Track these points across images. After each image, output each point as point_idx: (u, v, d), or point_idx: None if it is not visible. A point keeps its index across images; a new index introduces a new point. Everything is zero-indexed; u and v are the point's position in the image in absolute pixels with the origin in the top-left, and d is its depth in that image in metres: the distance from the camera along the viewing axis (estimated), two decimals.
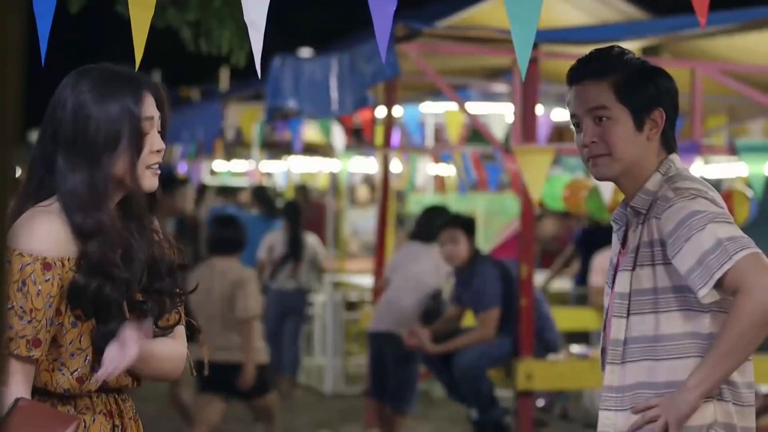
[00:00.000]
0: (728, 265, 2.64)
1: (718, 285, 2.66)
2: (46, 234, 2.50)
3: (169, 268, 2.67)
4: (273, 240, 10.13)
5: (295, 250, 10.05)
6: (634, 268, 2.82)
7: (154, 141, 2.60)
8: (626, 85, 2.84)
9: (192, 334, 2.79)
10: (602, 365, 2.94)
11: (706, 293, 2.67)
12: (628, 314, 2.83)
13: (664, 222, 2.74)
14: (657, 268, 2.79)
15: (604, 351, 2.92)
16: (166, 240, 2.71)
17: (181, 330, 2.73)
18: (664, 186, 2.80)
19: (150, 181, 2.61)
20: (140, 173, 2.58)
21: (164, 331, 2.67)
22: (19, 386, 2.47)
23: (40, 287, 2.47)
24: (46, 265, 2.48)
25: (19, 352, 2.45)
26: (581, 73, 2.90)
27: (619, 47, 2.93)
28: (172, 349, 2.68)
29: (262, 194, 11.13)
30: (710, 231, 2.66)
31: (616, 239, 2.96)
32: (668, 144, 2.89)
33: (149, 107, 2.60)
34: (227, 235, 6.78)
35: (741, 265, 2.63)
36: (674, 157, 2.89)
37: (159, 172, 2.63)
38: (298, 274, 10.08)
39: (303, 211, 10.40)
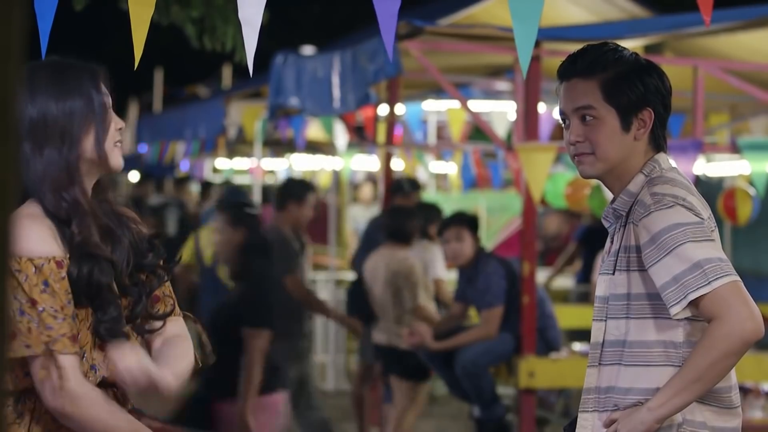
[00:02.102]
0: (706, 289, 2.60)
1: (692, 305, 2.62)
2: (44, 236, 2.50)
3: (149, 243, 2.68)
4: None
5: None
6: (613, 272, 2.79)
7: (116, 119, 2.65)
8: (614, 85, 2.79)
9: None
10: None
11: (678, 311, 2.64)
12: (606, 318, 2.81)
13: (641, 230, 2.70)
14: (632, 274, 2.76)
15: None
16: (133, 217, 2.73)
17: (180, 324, 2.72)
18: (644, 189, 2.76)
19: (118, 159, 2.64)
20: (108, 150, 2.61)
21: (157, 320, 2.66)
22: (86, 382, 2.48)
23: (58, 285, 2.47)
24: (59, 263, 2.49)
25: (67, 351, 2.44)
26: (570, 70, 2.86)
27: (612, 44, 2.88)
28: (183, 355, 2.65)
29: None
30: (689, 249, 2.62)
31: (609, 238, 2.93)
32: (657, 143, 2.84)
33: (105, 90, 2.65)
34: (398, 225, 7.04)
35: (719, 292, 2.59)
36: (661, 156, 2.83)
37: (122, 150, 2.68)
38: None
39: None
